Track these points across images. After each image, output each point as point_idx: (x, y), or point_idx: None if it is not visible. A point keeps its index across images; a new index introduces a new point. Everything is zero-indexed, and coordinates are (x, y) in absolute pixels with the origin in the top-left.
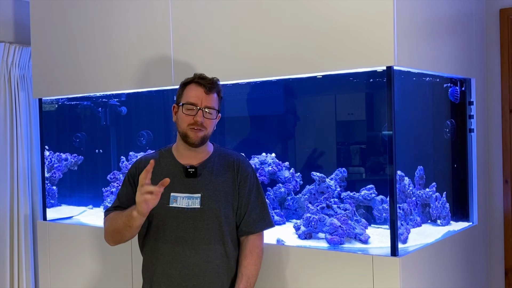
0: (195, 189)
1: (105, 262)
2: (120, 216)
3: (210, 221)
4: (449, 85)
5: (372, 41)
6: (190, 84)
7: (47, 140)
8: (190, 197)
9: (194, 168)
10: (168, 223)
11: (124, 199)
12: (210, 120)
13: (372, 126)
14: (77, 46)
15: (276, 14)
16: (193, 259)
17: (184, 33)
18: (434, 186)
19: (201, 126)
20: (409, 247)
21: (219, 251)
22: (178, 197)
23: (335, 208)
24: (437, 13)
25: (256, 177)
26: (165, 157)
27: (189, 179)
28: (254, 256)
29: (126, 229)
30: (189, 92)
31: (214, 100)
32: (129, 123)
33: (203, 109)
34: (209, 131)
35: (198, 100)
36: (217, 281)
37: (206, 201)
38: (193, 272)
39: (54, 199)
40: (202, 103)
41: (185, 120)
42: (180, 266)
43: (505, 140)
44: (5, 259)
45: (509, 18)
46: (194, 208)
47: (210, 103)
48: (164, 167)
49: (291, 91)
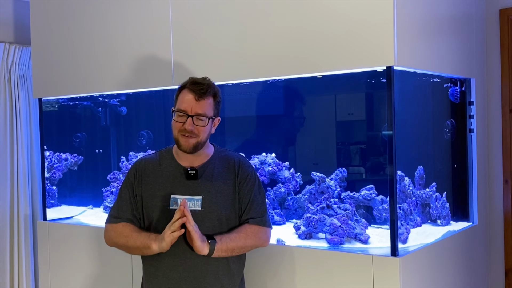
0: (196, 191)
1: (105, 262)
2: (135, 238)
3: (211, 223)
4: (449, 85)
5: (372, 41)
6: (184, 90)
7: (47, 140)
8: (191, 199)
9: (195, 170)
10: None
11: (128, 202)
12: (202, 127)
13: (372, 126)
14: (77, 46)
15: (276, 14)
16: (193, 262)
17: (184, 33)
18: (434, 186)
19: (191, 133)
20: (409, 247)
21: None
22: (178, 199)
23: (335, 208)
24: (437, 13)
25: (257, 177)
26: (166, 158)
27: (190, 181)
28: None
29: (138, 251)
30: (181, 99)
31: (206, 106)
32: (129, 123)
33: (193, 117)
34: (202, 138)
35: (188, 107)
36: (217, 284)
37: (207, 203)
38: (193, 275)
39: (54, 199)
40: (192, 110)
41: (176, 126)
42: (181, 269)
43: (505, 140)
44: (5, 259)
45: (509, 18)
46: (195, 210)
47: (201, 110)
48: (165, 168)
49: (291, 91)
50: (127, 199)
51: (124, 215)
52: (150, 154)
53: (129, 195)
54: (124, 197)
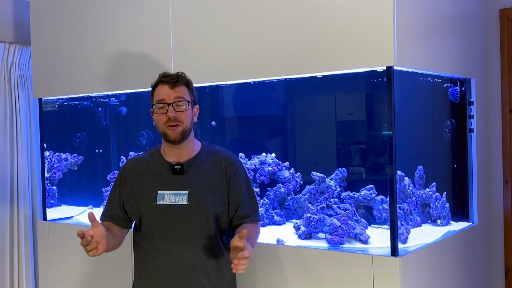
0: (182, 185)
1: (105, 262)
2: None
3: (198, 217)
4: (449, 85)
5: (372, 41)
6: (157, 86)
7: (47, 140)
8: (177, 193)
9: (180, 165)
10: (156, 221)
11: (112, 202)
12: (184, 112)
13: (372, 126)
14: (77, 46)
15: (276, 14)
16: (181, 255)
17: (184, 33)
18: (434, 186)
19: (176, 121)
20: (409, 247)
21: (207, 247)
22: (165, 195)
23: (335, 208)
24: (437, 13)
25: (246, 172)
26: (154, 156)
27: (176, 176)
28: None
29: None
30: (156, 92)
31: (182, 92)
32: (129, 123)
33: (173, 104)
34: (186, 124)
35: (166, 96)
36: (204, 277)
37: (194, 197)
38: (181, 268)
39: (54, 199)
40: (170, 98)
41: (159, 119)
42: (169, 263)
43: (505, 140)
44: (5, 259)
45: (509, 18)
46: (182, 204)
47: (178, 95)
48: (152, 166)
49: (291, 91)
50: (112, 199)
51: (108, 214)
52: (139, 154)
53: (115, 196)
54: (111, 197)
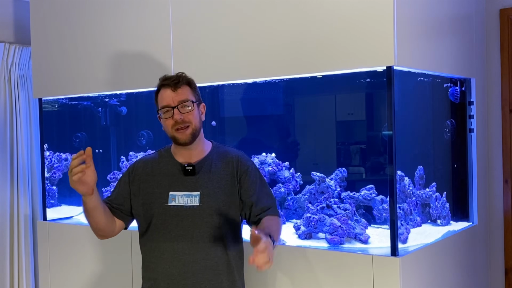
0: (194, 187)
1: (105, 262)
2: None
3: (210, 219)
4: (449, 85)
5: (372, 41)
6: (159, 90)
7: (47, 140)
8: (189, 195)
9: (192, 166)
10: (167, 222)
11: (114, 196)
12: (190, 113)
13: (372, 126)
14: (77, 46)
15: (276, 14)
16: (192, 257)
17: (184, 33)
18: (434, 186)
19: (183, 123)
20: (409, 247)
21: (218, 248)
22: (176, 196)
23: (335, 208)
24: (437, 13)
25: (258, 170)
26: (164, 157)
27: (188, 177)
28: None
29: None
30: (160, 98)
31: (186, 93)
32: (129, 123)
33: (177, 106)
34: (195, 125)
35: (169, 100)
36: (216, 279)
37: (205, 198)
38: (192, 270)
39: (54, 199)
40: (174, 101)
41: (167, 124)
42: (180, 264)
43: (505, 140)
44: (5, 259)
45: (509, 18)
46: (193, 206)
47: (181, 97)
48: (163, 166)
49: (291, 91)
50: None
51: (109, 200)
52: (150, 154)
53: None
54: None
